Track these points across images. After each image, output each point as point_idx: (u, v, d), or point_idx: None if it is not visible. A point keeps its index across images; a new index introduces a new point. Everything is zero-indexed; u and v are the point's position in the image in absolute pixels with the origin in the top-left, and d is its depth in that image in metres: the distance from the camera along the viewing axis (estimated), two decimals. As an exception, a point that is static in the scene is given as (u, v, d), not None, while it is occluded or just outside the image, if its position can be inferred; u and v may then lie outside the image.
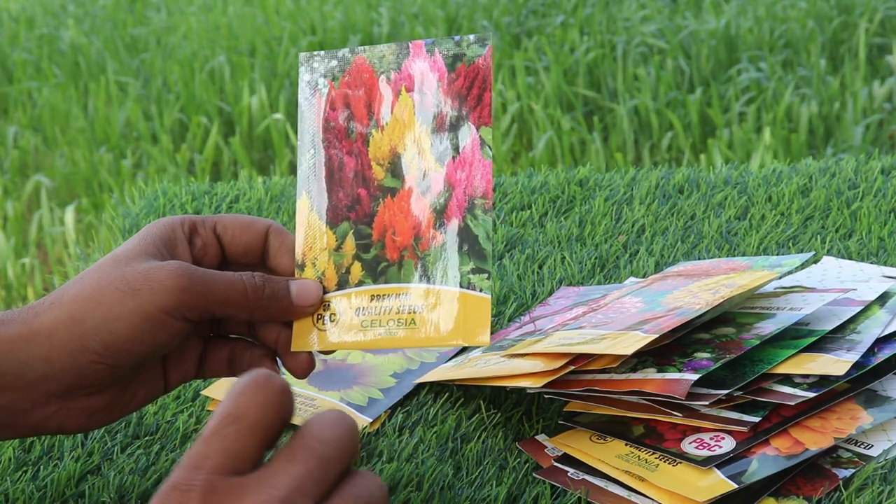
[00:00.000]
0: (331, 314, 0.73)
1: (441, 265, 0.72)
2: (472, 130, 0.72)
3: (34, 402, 0.69)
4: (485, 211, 0.71)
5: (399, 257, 0.73)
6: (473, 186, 0.72)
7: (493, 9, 4.15)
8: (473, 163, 0.72)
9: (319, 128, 0.75)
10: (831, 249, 1.06)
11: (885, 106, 3.28)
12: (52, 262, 3.03)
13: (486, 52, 0.73)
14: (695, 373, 0.77)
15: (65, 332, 0.68)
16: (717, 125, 3.22)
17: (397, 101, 0.74)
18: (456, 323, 0.71)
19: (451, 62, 0.73)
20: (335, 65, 0.76)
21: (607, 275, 1.06)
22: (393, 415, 0.86)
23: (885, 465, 0.75)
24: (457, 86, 0.73)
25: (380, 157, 0.74)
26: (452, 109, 0.73)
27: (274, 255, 0.75)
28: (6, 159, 3.61)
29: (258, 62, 3.91)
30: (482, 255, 0.71)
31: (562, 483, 0.77)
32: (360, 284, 0.73)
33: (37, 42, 4.49)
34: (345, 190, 0.75)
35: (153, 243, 0.71)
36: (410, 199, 0.73)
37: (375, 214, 0.74)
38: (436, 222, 0.72)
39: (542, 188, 1.25)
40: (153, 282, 0.68)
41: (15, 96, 4.05)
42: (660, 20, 3.90)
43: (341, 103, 0.75)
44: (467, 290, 0.71)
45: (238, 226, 0.75)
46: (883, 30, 3.75)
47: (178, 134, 3.66)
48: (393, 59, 0.74)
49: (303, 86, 0.76)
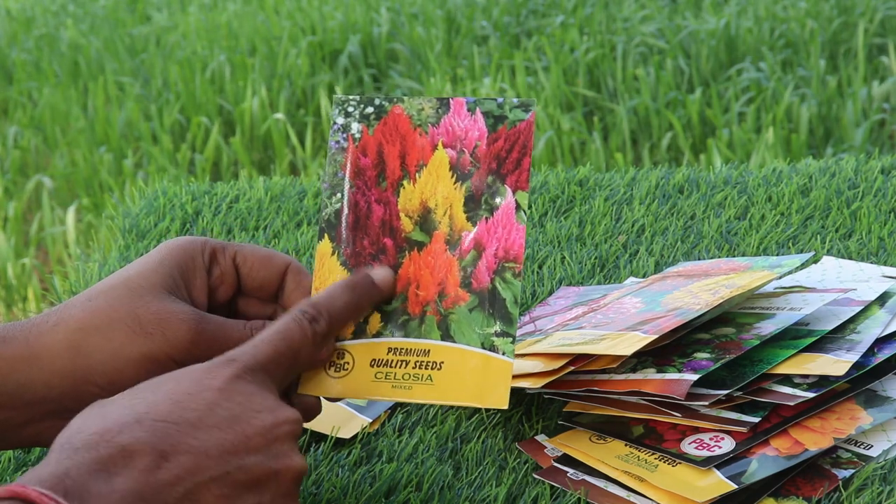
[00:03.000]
0: (344, 363, 0.72)
1: (464, 324, 0.71)
2: (508, 193, 0.72)
3: (29, 419, 0.68)
4: (515, 275, 0.71)
5: (421, 312, 0.72)
6: (505, 249, 0.71)
7: (492, 9, 4.15)
8: (507, 226, 0.71)
9: (349, 172, 0.74)
10: (831, 249, 1.06)
11: (885, 106, 3.28)
12: (53, 261, 3.03)
13: (528, 118, 0.72)
14: (694, 373, 0.77)
15: (68, 361, 0.67)
16: (717, 125, 3.22)
17: (433, 155, 0.73)
18: (475, 384, 0.70)
19: (493, 123, 0.73)
20: (371, 111, 0.75)
21: (607, 275, 1.06)
22: (393, 415, 0.86)
23: (885, 465, 0.75)
24: (496, 147, 0.72)
25: (410, 209, 0.73)
26: (490, 171, 0.72)
27: (289, 295, 0.74)
28: (6, 159, 3.61)
29: (258, 62, 3.91)
30: (508, 319, 0.70)
31: (561, 483, 0.77)
32: (379, 336, 0.72)
33: (36, 42, 4.49)
34: (370, 238, 0.74)
35: (170, 274, 0.70)
36: (438, 255, 0.72)
37: (400, 266, 0.73)
38: (463, 281, 0.72)
39: (542, 188, 1.25)
40: (166, 329, 0.67)
41: (15, 96, 4.05)
42: (659, 20, 3.90)
43: (374, 151, 0.74)
44: (490, 352, 0.70)
45: (257, 259, 0.74)
46: (882, 30, 3.75)
47: (178, 134, 3.66)
48: (432, 112, 0.74)
49: (335, 128, 0.75)
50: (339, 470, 0.80)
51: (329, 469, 0.80)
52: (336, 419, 0.85)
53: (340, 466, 0.80)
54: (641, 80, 3.45)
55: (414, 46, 3.96)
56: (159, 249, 0.72)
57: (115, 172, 3.43)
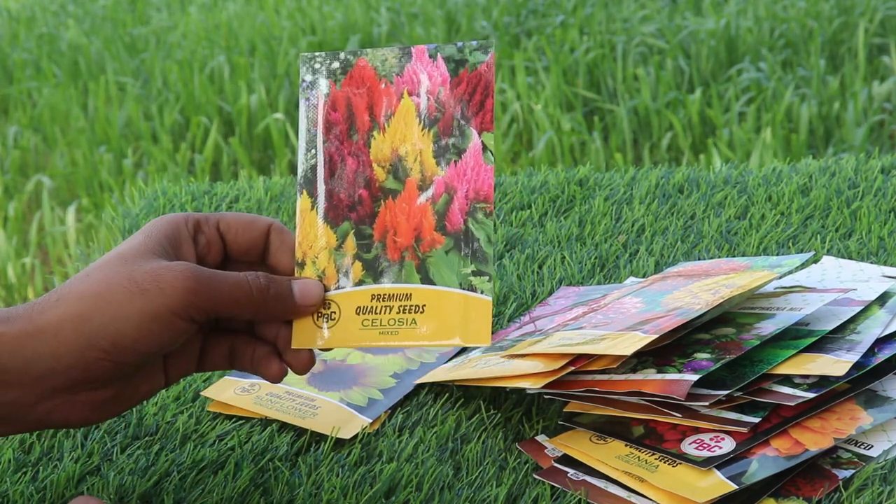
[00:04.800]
0: (331, 312, 0.74)
1: (442, 267, 0.73)
2: (474, 135, 0.73)
3: (39, 396, 0.69)
4: (486, 214, 0.72)
5: (400, 258, 0.74)
6: (475, 190, 0.73)
7: (492, 9, 4.15)
8: (475, 167, 0.73)
9: (320, 128, 0.76)
10: (831, 249, 1.06)
11: (886, 106, 3.28)
12: (53, 261, 3.03)
13: (488, 59, 0.74)
14: (694, 373, 0.77)
15: (72, 330, 0.68)
16: (717, 125, 3.22)
17: (399, 104, 0.75)
18: (456, 324, 0.71)
19: (454, 68, 0.74)
20: (337, 66, 0.76)
21: (607, 275, 1.06)
22: (393, 415, 0.86)
23: (885, 465, 0.75)
24: (459, 91, 0.74)
25: (381, 158, 0.75)
26: (455, 114, 0.74)
27: (274, 254, 0.76)
28: (6, 159, 3.61)
29: (258, 62, 3.91)
30: (483, 258, 0.72)
31: (561, 484, 0.76)
32: (361, 284, 0.74)
33: (37, 42, 4.49)
34: (346, 190, 0.75)
35: (159, 241, 0.72)
36: (412, 202, 0.74)
37: (377, 215, 0.75)
38: (437, 225, 0.73)
39: (542, 188, 1.25)
40: (162, 282, 0.69)
41: (15, 96, 4.04)
42: (659, 20, 3.90)
43: (343, 105, 0.76)
44: (468, 291, 0.72)
45: (241, 224, 0.76)
46: (883, 30, 3.75)
47: (178, 134, 3.65)
48: (395, 62, 0.75)
49: (304, 86, 0.77)
50: (339, 470, 0.80)
51: (329, 469, 0.80)
52: (336, 419, 0.85)
53: (340, 466, 0.80)
54: (641, 80, 3.45)
55: (414, 46, 3.96)
56: (145, 227, 0.74)
57: (115, 172, 3.43)
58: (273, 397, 0.88)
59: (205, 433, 0.85)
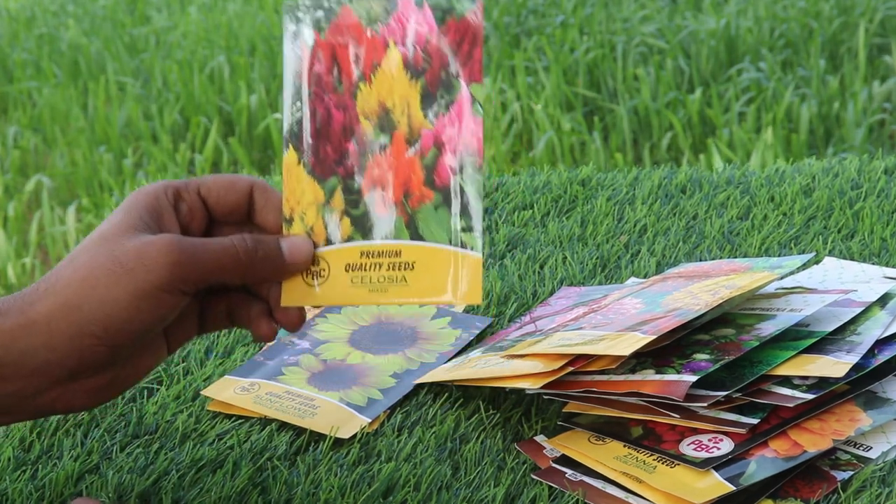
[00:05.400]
0: (320, 269, 0.73)
1: (432, 222, 0.71)
2: (462, 87, 0.71)
3: (39, 387, 0.69)
4: (475, 169, 0.70)
5: (389, 213, 0.72)
6: (464, 144, 0.71)
7: (492, 9, 4.15)
8: (464, 120, 0.71)
9: (305, 80, 0.74)
10: (833, 250, 1.06)
11: (886, 105, 3.28)
12: (53, 261, 3.03)
13: (476, 7, 0.71)
14: (693, 374, 0.77)
15: (62, 319, 0.68)
16: (717, 125, 3.22)
17: (385, 53, 0.72)
18: (447, 282, 0.70)
19: (441, 16, 0.71)
20: (321, 15, 0.74)
21: (609, 275, 1.06)
22: (392, 415, 0.86)
23: (884, 467, 0.75)
24: (447, 40, 0.71)
25: (368, 111, 0.73)
26: (442, 65, 0.71)
27: (260, 212, 0.74)
28: (6, 159, 3.61)
29: (258, 62, 3.91)
30: (474, 213, 0.70)
31: (560, 484, 0.76)
32: (350, 240, 0.72)
33: (37, 42, 4.49)
34: (333, 144, 0.73)
35: (139, 216, 0.71)
36: (400, 156, 0.72)
37: (365, 169, 0.73)
38: (426, 179, 0.71)
39: (545, 188, 1.25)
40: (145, 259, 0.68)
41: (15, 96, 4.04)
42: (659, 20, 3.90)
43: (328, 55, 0.73)
44: (459, 248, 0.70)
45: (221, 186, 0.74)
46: (883, 30, 3.75)
47: (177, 134, 3.65)
48: (381, 10, 0.72)
49: (287, 36, 0.74)
50: (337, 470, 0.79)
51: (328, 469, 0.80)
52: (335, 419, 0.85)
53: (339, 466, 0.80)
54: (641, 80, 3.45)
55: (414, 46, 3.96)
56: (124, 202, 0.72)
57: (115, 172, 3.43)
58: (273, 397, 0.88)
59: (204, 432, 0.85)
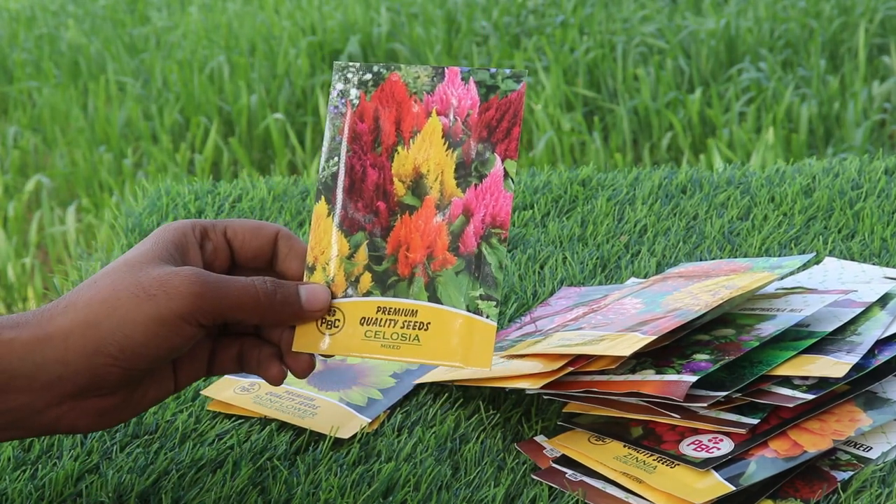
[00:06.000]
0: (335, 319, 0.74)
1: (451, 287, 0.73)
2: (497, 161, 0.74)
3: (48, 402, 0.70)
4: (500, 240, 0.73)
5: (410, 274, 0.74)
6: (492, 215, 0.73)
7: (492, 9, 4.15)
8: (495, 193, 0.74)
9: (346, 137, 0.76)
10: (833, 250, 1.06)
11: (886, 105, 3.28)
12: (53, 261, 3.03)
13: (519, 88, 0.75)
14: (693, 374, 0.77)
15: (80, 336, 0.68)
16: (717, 125, 3.22)
17: (427, 122, 0.75)
18: (459, 345, 0.72)
19: (485, 93, 0.75)
20: (369, 78, 0.77)
21: (609, 275, 1.06)
22: (392, 415, 0.86)
23: (884, 467, 0.75)
24: (487, 116, 0.74)
25: (403, 173, 0.75)
26: (480, 139, 0.74)
27: (283, 260, 0.76)
28: (6, 159, 3.61)
29: (258, 62, 3.91)
30: (493, 283, 0.73)
31: (560, 484, 0.76)
32: (369, 295, 0.74)
33: (37, 42, 4.49)
34: (364, 201, 0.76)
35: (166, 248, 0.72)
36: (428, 220, 0.74)
37: (392, 229, 0.75)
38: (451, 245, 0.74)
39: (545, 188, 1.25)
40: (169, 287, 0.69)
41: (15, 96, 4.04)
42: (659, 20, 3.89)
43: (371, 116, 0.76)
44: (474, 314, 0.72)
45: (248, 230, 0.76)
46: (883, 30, 3.75)
47: (177, 134, 3.65)
48: (427, 80, 0.76)
49: (334, 94, 0.77)
50: (337, 470, 0.79)
51: (327, 469, 0.80)
52: (335, 419, 0.85)
53: (339, 466, 0.80)
54: (641, 80, 3.45)
55: (414, 46, 3.96)
56: (153, 234, 0.74)
57: (114, 172, 3.43)
58: (273, 397, 0.88)
59: (204, 432, 0.85)
